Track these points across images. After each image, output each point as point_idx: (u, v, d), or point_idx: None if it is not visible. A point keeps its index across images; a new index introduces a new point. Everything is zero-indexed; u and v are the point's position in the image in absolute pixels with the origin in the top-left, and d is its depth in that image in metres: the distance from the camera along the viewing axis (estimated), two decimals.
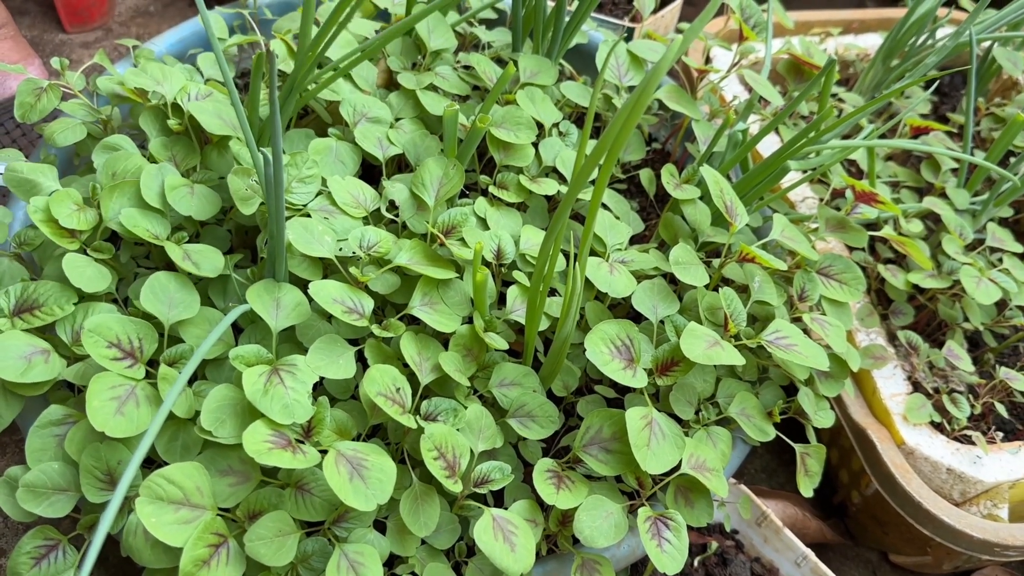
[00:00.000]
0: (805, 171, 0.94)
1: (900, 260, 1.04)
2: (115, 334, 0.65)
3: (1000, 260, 1.00)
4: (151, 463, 0.68)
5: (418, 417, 0.69)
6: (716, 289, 0.79)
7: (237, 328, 0.75)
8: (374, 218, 0.80)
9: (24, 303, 0.68)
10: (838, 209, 0.92)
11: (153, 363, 0.67)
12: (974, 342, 1.05)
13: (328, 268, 0.75)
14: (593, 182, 0.90)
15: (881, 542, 1.03)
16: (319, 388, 0.68)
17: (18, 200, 0.84)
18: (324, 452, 0.63)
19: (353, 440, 0.67)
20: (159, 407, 0.63)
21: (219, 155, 0.81)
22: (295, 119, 0.88)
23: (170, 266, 0.74)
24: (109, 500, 0.64)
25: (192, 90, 0.82)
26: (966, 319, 1.00)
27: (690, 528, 0.69)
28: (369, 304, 0.72)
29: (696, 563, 0.89)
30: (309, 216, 0.75)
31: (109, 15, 1.60)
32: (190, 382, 0.68)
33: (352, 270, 0.73)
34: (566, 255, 0.81)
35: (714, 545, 0.90)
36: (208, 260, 0.72)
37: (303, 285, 0.71)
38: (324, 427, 0.65)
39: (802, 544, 0.88)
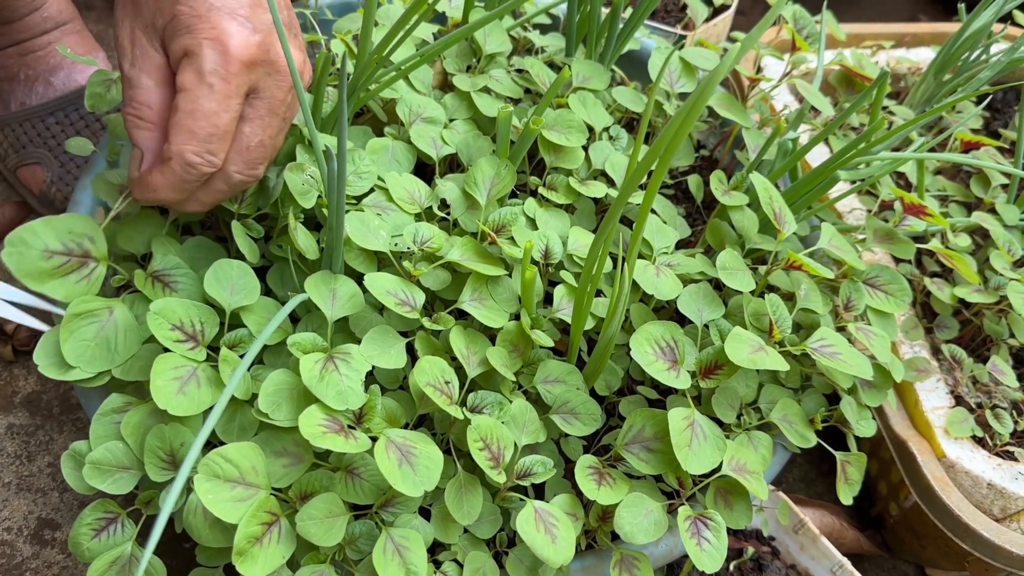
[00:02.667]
0: (854, 182, 0.94)
1: (947, 274, 1.04)
2: (179, 317, 0.68)
3: None
4: (208, 444, 0.70)
5: (465, 409, 0.71)
6: (762, 295, 0.80)
7: (293, 317, 0.77)
8: (427, 215, 0.82)
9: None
10: (886, 221, 0.93)
11: (213, 347, 0.70)
12: (1019, 359, 1.04)
13: (382, 262, 0.78)
14: (643, 187, 0.92)
15: (918, 555, 1.02)
16: (370, 377, 0.70)
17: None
18: (374, 438, 0.65)
19: (401, 428, 0.69)
20: (218, 388, 0.66)
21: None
22: (352, 117, 0.91)
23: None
24: (170, 479, 0.67)
25: None
26: (1012, 335, 0.99)
27: (727, 532, 0.70)
28: (421, 297, 0.74)
29: (732, 567, 0.90)
30: (362, 211, 0.77)
31: None
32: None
33: (405, 264, 0.75)
34: (613, 257, 0.82)
35: (750, 550, 0.90)
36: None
37: (357, 277, 0.74)
38: (375, 414, 0.68)
39: (839, 553, 0.88)
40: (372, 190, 0.80)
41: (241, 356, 0.68)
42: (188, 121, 0.62)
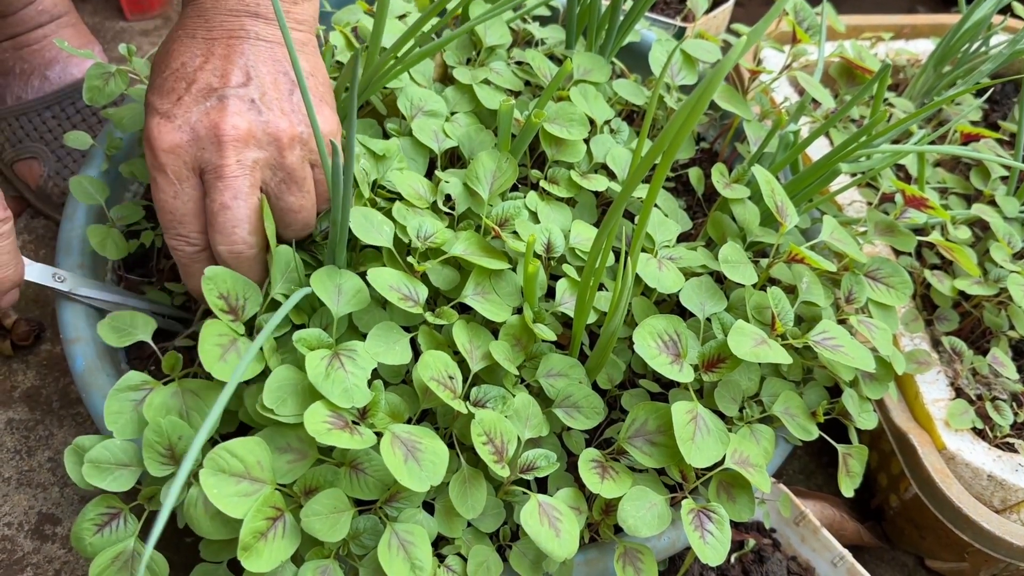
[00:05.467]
0: (855, 175, 0.95)
1: (947, 266, 1.04)
2: (227, 287, 0.70)
3: None
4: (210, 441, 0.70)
5: (468, 403, 0.71)
6: (763, 288, 0.80)
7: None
8: (431, 210, 0.82)
9: None
10: (887, 213, 0.93)
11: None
12: (1019, 351, 1.04)
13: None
14: (646, 180, 0.92)
15: (918, 547, 1.03)
16: (372, 371, 0.70)
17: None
18: (379, 434, 0.65)
19: (405, 423, 0.69)
20: (255, 363, 0.68)
21: None
22: None
23: None
24: (170, 474, 0.66)
25: None
26: (1012, 327, 0.99)
27: (730, 523, 0.70)
28: (424, 292, 0.74)
29: (733, 559, 0.90)
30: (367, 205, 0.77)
31: (168, 4, 1.64)
32: None
33: (409, 259, 0.75)
34: (615, 251, 0.82)
35: (751, 542, 0.91)
36: None
37: (361, 272, 0.74)
38: (379, 410, 0.68)
39: (839, 545, 0.88)
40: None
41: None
42: (158, 214, 0.71)
